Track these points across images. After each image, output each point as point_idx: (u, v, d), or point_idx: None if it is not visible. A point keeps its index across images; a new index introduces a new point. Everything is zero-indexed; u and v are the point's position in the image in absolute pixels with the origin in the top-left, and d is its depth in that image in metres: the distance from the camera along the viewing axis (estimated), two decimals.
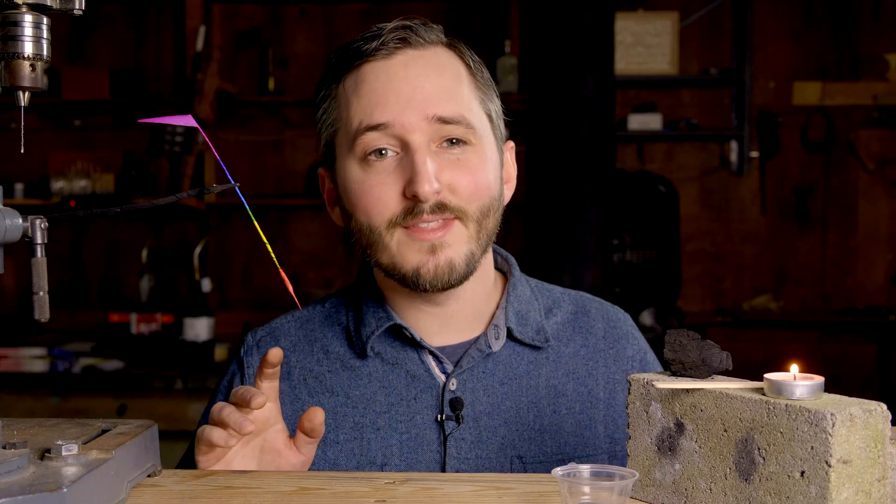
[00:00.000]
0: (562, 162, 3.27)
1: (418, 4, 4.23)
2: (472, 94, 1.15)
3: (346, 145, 1.13)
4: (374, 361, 1.19)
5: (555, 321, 1.24)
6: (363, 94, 1.11)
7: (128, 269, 4.36)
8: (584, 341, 1.24)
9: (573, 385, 1.20)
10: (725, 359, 0.88)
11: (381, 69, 1.11)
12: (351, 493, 0.94)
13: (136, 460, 0.94)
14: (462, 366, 1.17)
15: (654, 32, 4.34)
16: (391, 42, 1.11)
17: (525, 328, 1.20)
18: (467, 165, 1.11)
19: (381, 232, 1.11)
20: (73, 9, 0.86)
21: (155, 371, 3.58)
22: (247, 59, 4.39)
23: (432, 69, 1.12)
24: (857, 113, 4.45)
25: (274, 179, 4.41)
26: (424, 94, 1.10)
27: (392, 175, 1.10)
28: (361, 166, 1.12)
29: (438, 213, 1.09)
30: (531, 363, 1.20)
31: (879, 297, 4.44)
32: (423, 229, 1.10)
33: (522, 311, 1.21)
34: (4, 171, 4.23)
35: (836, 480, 0.75)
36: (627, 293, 4.03)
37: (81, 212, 0.93)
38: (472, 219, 1.12)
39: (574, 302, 1.28)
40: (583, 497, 0.83)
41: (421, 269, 1.10)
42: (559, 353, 1.22)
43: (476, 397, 1.17)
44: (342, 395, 1.18)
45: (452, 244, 1.11)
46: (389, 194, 1.10)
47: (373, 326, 1.18)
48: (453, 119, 1.10)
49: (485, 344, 1.18)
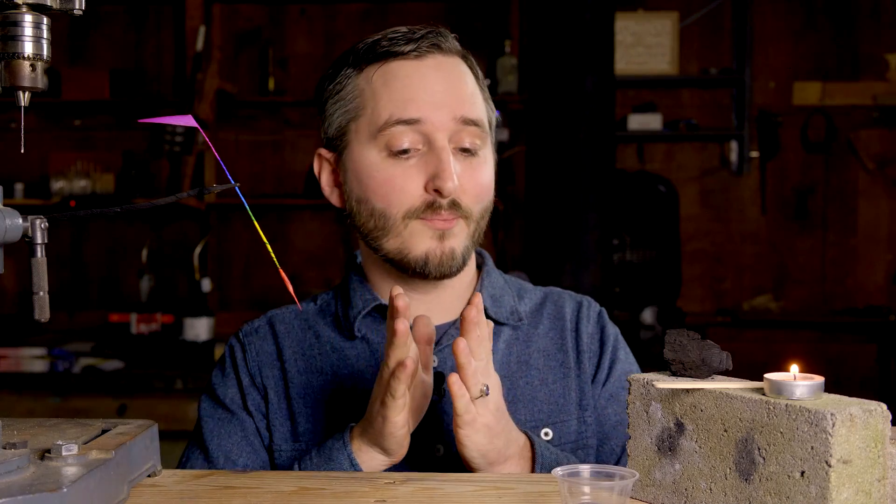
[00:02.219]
0: (562, 162, 3.27)
1: (418, 4, 4.23)
2: (482, 101, 1.24)
3: (368, 133, 1.18)
4: (361, 343, 1.25)
5: (525, 307, 1.32)
6: (395, 88, 1.17)
7: (128, 269, 4.36)
8: (552, 324, 1.31)
9: (544, 360, 1.28)
10: (725, 359, 0.88)
11: (413, 68, 1.18)
12: (351, 493, 0.94)
13: (136, 460, 0.94)
14: (442, 343, 1.24)
15: (654, 32, 4.34)
16: (424, 45, 1.19)
17: (500, 309, 1.28)
18: (477, 169, 1.20)
19: (397, 220, 1.17)
20: (73, 9, 0.86)
21: (155, 371, 3.58)
22: (247, 59, 4.39)
23: (457, 75, 1.21)
24: (857, 113, 4.45)
25: (274, 179, 4.41)
26: (455, 95, 1.18)
27: (414, 168, 1.17)
28: (385, 156, 1.17)
29: (452, 210, 1.17)
30: (505, 342, 1.27)
31: (879, 297, 4.44)
32: (436, 219, 1.17)
33: (497, 295, 1.29)
34: (4, 171, 4.23)
35: (836, 480, 0.75)
36: (627, 293, 4.03)
37: (81, 212, 0.93)
38: (473, 219, 1.20)
39: (543, 292, 1.37)
40: (583, 497, 0.83)
41: (429, 254, 1.17)
42: (529, 334, 1.29)
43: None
44: (330, 375, 1.24)
45: (457, 235, 1.19)
46: (412, 186, 1.16)
47: (359, 307, 1.25)
48: (477, 121, 1.19)
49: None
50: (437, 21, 1.24)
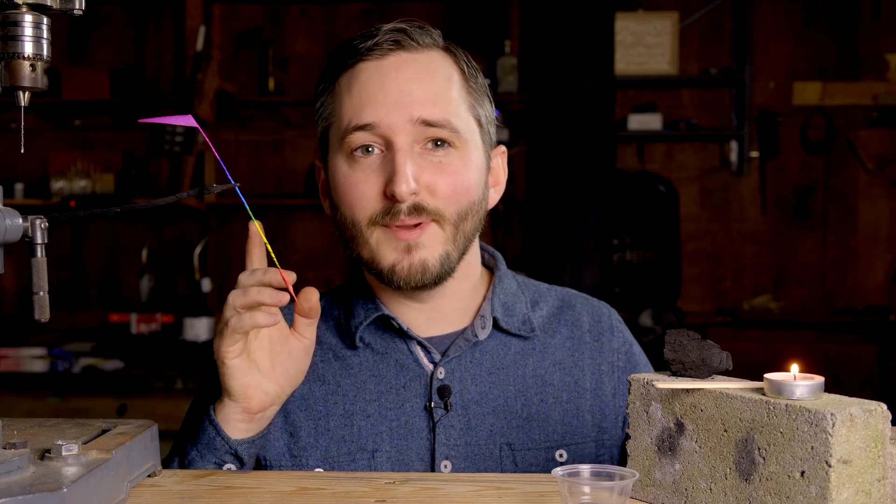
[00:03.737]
0: (562, 162, 3.27)
1: (418, 4, 4.23)
2: (461, 98, 1.17)
3: (337, 140, 1.17)
4: (364, 352, 1.22)
5: (541, 314, 1.27)
6: (354, 92, 1.14)
7: (128, 269, 4.36)
8: (569, 333, 1.26)
9: (560, 375, 1.23)
10: (725, 359, 0.88)
11: (374, 69, 1.14)
12: (351, 493, 0.94)
13: (136, 460, 0.94)
14: (449, 355, 1.20)
15: (654, 32, 4.34)
16: (385, 43, 1.14)
17: (511, 318, 1.23)
18: (449, 168, 1.14)
19: (362, 228, 1.14)
20: (73, 9, 0.86)
21: (155, 371, 3.58)
22: (247, 59, 4.39)
23: (423, 73, 1.14)
24: (857, 113, 4.45)
25: (274, 179, 4.41)
26: (412, 96, 1.12)
27: (375, 173, 1.13)
28: (348, 162, 1.15)
29: (415, 214, 1.12)
30: (518, 353, 1.23)
31: (879, 297, 4.44)
32: (399, 228, 1.13)
33: (509, 303, 1.24)
34: (4, 171, 4.23)
35: (836, 480, 0.75)
36: (627, 293, 4.03)
37: (81, 212, 0.93)
38: (450, 221, 1.14)
39: (559, 297, 1.31)
40: (583, 497, 0.83)
41: (396, 266, 1.13)
42: (545, 344, 1.24)
43: (464, 386, 1.19)
44: (333, 384, 1.21)
45: (427, 245, 1.13)
46: (371, 192, 1.13)
47: (361, 317, 1.22)
48: (437, 123, 1.13)
49: (471, 333, 1.21)
50: (435, 21, 1.21)
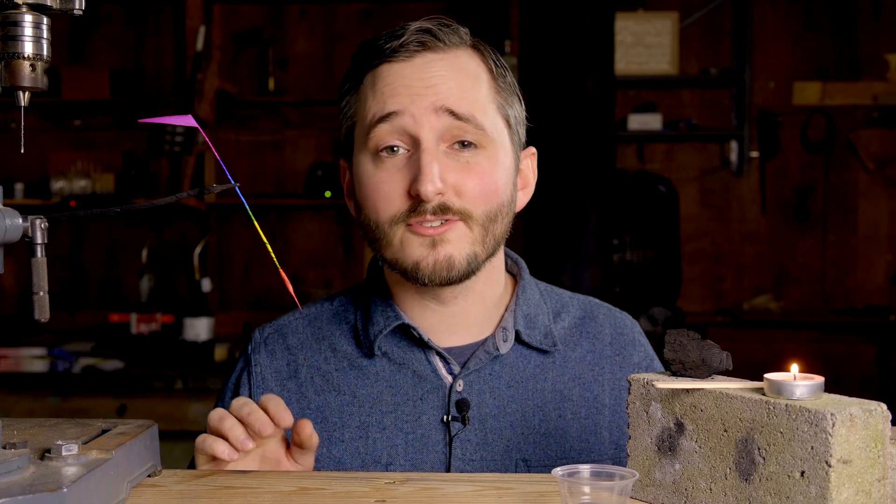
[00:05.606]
0: (562, 162, 3.27)
1: (418, 4, 4.23)
2: (489, 97, 1.15)
3: (361, 139, 1.15)
4: (382, 361, 1.19)
5: (562, 325, 1.24)
6: (378, 89, 1.13)
7: (128, 269, 4.35)
8: (590, 346, 1.24)
9: (579, 390, 1.20)
10: (725, 359, 0.88)
11: (400, 69, 1.13)
12: (351, 493, 0.94)
13: (136, 460, 0.94)
14: (469, 367, 1.17)
15: (654, 32, 4.34)
16: (412, 45, 1.12)
17: (533, 331, 1.20)
18: (476, 169, 1.12)
19: (385, 228, 1.12)
20: (73, 9, 0.86)
21: (155, 371, 3.58)
22: (247, 59, 4.39)
23: (450, 71, 1.13)
24: (857, 113, 4.45)
25: (274, 179, 4.40)
26: (437, 89, 1.11)
27: (400, 172, 1.11)
28: (374, 161, 1.13)
29: (440, 214, 1.10)
30: (538, 367, 1.20)
31: (879, 297, 4.44)
32: (424, 227, 1.10)
33: (531, 315, 1.21)
34: (4, 171, 4.23)
35: (836, 480, 0.75)
36: (627, 293, 4.03)
37: (81, 212, 0.93)
38: (478, 222, 1.12)
39: (582, 307, 1.28)
40: (583, 497, 0.83)
41: (420, 262, 1.11)
42: (566, 358, 1.22)
43: (482, 399, 1.17)
44: (349, 394, 1.18)
45: (453, 241, 1.11)
46: (396, 191, 1.11)
47: (381, 325, 1.19)
48: (463, 116, 1.10)
49: (492, 346, 1.18)
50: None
